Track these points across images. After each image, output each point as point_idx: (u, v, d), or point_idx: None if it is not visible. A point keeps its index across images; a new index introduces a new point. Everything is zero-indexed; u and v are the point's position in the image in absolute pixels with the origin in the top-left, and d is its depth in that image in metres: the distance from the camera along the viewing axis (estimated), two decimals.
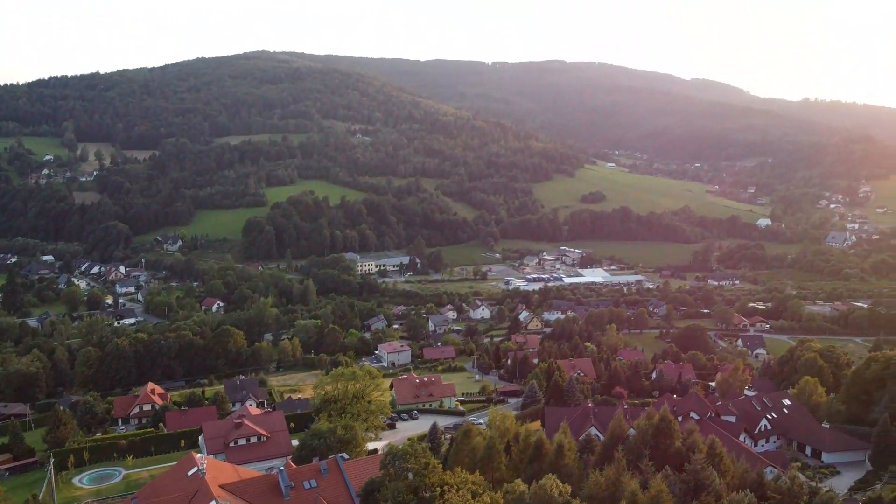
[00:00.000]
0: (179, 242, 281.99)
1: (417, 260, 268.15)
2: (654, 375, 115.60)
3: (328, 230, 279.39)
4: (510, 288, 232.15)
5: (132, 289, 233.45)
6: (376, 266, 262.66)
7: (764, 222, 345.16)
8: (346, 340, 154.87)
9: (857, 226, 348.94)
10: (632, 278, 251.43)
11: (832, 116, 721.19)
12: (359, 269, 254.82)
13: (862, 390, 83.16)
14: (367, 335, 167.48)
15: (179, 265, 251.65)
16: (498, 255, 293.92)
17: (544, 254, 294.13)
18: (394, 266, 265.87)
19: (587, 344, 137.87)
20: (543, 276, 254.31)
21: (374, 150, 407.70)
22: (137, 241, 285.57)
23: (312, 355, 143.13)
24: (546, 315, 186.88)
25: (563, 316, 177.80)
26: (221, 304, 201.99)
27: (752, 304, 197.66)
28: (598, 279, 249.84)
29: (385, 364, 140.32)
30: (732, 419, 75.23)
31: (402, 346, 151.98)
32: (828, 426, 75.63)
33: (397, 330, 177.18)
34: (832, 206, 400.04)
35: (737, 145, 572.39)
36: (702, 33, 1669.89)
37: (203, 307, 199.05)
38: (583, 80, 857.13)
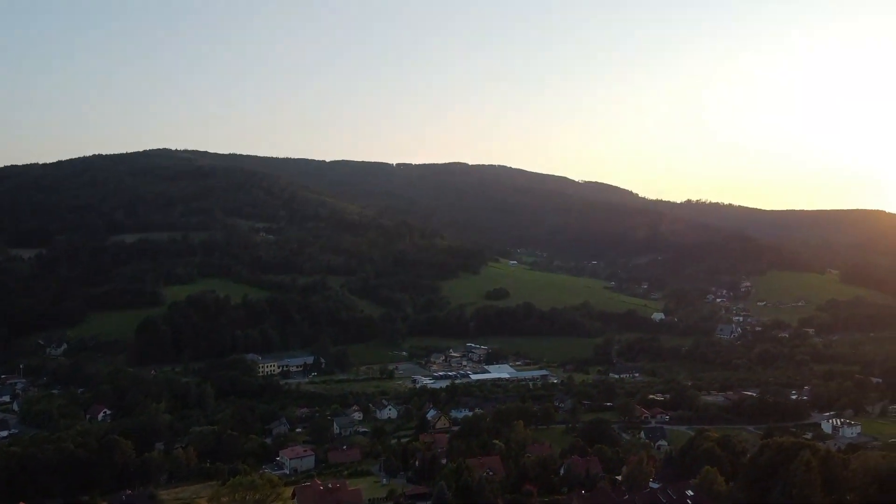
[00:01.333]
0: (65, 345, 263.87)
1: (322, 359, 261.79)
2: (562, 471, 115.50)
3: (229, 330, 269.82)
4: (417, 386, 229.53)
5: (7, 398, 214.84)
6: (279, 367, 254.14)
7: (658, 316, 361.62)
8: (246, 447, 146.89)
9: (741, 318, 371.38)
10: (537, 373, 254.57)
11: (712, 217, 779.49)
12: (261, 370, 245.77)
13: (758, 477, 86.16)
14: (269, 440, 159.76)
15: (63, 370, 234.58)
16: (405, 352, 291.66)
17: (451, 350, 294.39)
18: (297, 366, 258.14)
19: (495, 441, 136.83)
20: (451, 373, 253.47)
21: (279, 248, 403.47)
22: (17, 344, 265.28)
23: (209, 464, 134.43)
24: (454, 413, 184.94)
25: (470, 413, 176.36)
26: (109, 411, 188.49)
27: (651, 396, 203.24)
28: (505, 375, 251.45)
29: (287, 471, 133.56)
30: None
31: (305, 450, 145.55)
32: None
33: (300, 433, 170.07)
34: (718, 299, 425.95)
35: (630, 243, 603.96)
36: (591, 141, 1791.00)
37: (88, 415, 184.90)
38: (485, 181, 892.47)
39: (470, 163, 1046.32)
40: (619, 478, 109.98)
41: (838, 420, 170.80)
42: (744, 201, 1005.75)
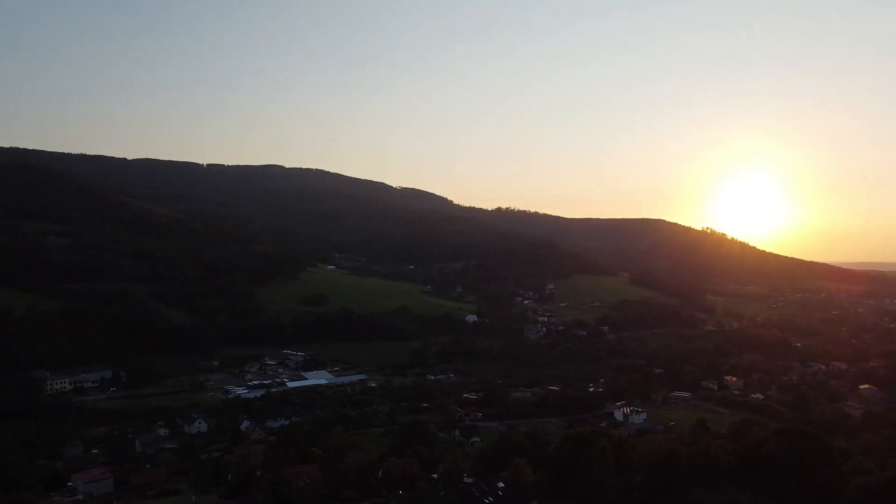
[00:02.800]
0: None
1: (123, 373, 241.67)
2: (380, 473, 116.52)
3: (11, 345, 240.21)
4: (230, 397, 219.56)
5: None
6: (72, 382, 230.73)
7: (472, 318, 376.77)
8: (33, 474, 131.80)
9: (546, 319, 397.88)
10: (356, 378, 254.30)
11: (521, 224, 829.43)
12: (49, 387, 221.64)
13: (561, 465, 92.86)
14: (60, 464, 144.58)
15: None
16: (216, 362, 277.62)
17: (267, 359, 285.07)
18: (94, 381, 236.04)
19: (314, 449, 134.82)
20: (266, 381, 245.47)
21: (76, 253, 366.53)
22: None
23: None
24: (270, 423, 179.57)
25: (287, 422, 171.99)
26: None
27: (466, 395, 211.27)
28: (323, 381, 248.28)
29: (81, 496, 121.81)
30: None
31: (102, 472, 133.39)
32: (535, 502, 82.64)
33: (98, 455, 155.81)
34: (526, 301, 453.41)
35: (445, 249, 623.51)
36: (407, 148, 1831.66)
37: None
38: (303, 186, 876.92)
39: (287, 165, 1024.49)
40: (436, 476, 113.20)
41: (628, 409, 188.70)
42: (549, 210, 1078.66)
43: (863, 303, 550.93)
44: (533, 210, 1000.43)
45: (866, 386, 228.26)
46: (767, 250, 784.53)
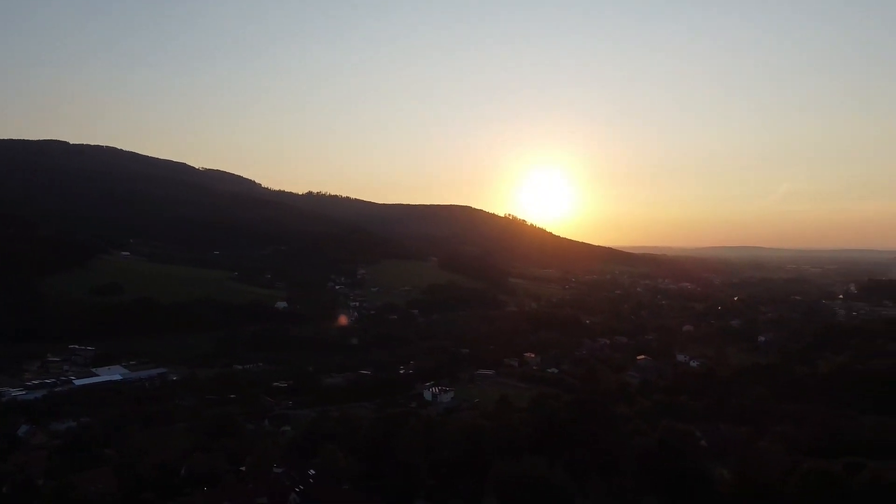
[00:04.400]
0: None
1: None
2: (183, 471, 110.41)
3: None
4: (4, 399, 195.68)
5: None
6: None
7: (282, 305, 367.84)
8: None
9: (358, 304, 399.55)
10: (154, 372, 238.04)
11: (333, 209, 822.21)
12: None
13: (372, 447, 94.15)
14: None
15: None
16: None
17: (50, 356, 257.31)
18: None
19: (107, 451, 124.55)
20: (49, 380, 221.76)
21: None
22: None
23: None
24: (55, 425, 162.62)
25: (75, 424, 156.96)
26: None
27: (276, 384, 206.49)
28: (117, 377, 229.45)
29: None
30: (265, 500, 76.81)
31: None
32: (347, 486, 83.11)
33: None
34: (338, 287, 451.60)
35: (254, 234, 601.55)
36: (210, 127, 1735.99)
37: None
38: (93, 165, 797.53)
39: (71, 142, 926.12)
40: (244, 468, 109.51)
41: (437, 389, 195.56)
42: (360, 195, 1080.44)
43: (641, 283, 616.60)
44: (344, 195, 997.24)
45: (643, 357, 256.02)
46: (563, 236, 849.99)
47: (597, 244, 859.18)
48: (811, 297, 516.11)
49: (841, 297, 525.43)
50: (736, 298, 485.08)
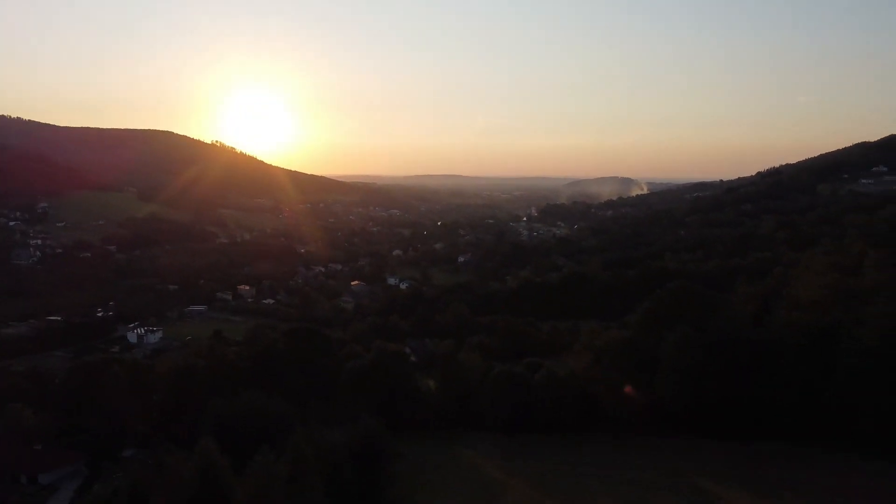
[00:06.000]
0: None
1: None
2: None
3: None
4: None
5: None
6: None
7: None
8: None
9: (40, 241, 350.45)
10: None
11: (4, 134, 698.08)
12: None
13: (71, 401, 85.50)
14: None
15: None
16: None
17: None
18: None
19: None
20: None
21: None
22: None
23: None
24: None
25: None
26: None
27: None
28: None
29: None
30: None
31: None
32: (39, 447, 74.88)
33: None
34: (12, 223, 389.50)
35: None
36: None
37: None
38: None
39: None
40: None
41: (142, 330, 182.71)
42: (38, 116, 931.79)
43: (353, 211, 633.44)
44: (15, 115, 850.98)
45: (357, 282, 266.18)
46: (275, 165, 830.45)
47: (310, 173, 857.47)
48: (502, 220, 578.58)
49: (525, 219, 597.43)
50: (439, 223, 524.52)
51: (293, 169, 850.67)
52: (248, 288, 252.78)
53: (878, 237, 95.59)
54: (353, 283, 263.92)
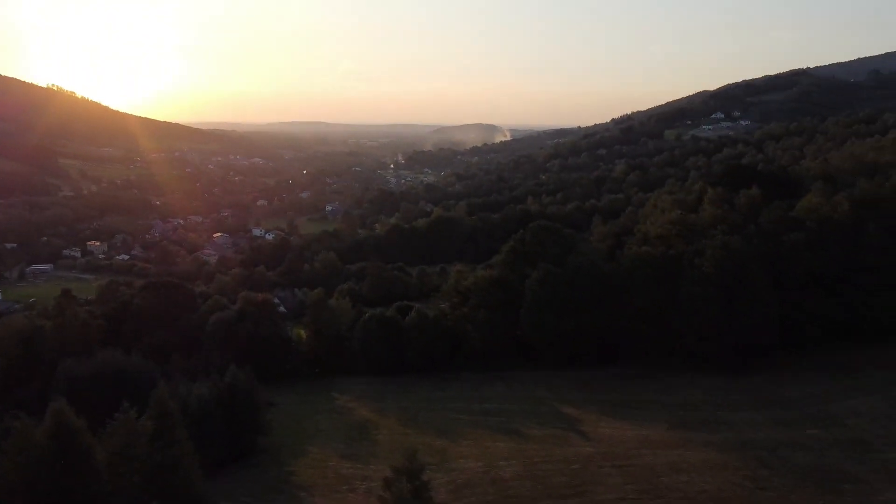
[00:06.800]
0: None
1: None
2: None
3: None
4: None
5: None
6: None
7: None
8: None
9: None
10: None
11: None
12: None
13: None
14: None
15: None
16: None
17: None
18: None
19: None
20: None
21: None
22: None
23: None
24: None
25: None
26: None
27: None
28: None
29: None
30: None
31: None
32: None
33: None
34: None
35: None
36: None
37: None
38: None
39: None
40: None
41: None
42: None
43: (212, 160, 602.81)
44: None
45: (219, 234, 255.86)
46: (123, 111, 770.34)
47: (164, 121, 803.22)
48: (369, 168, 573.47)
49: (392, 166, 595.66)
50: (305, 172, 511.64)
51: (145, 116, 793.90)
52: (98, 244, 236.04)
53: (715, 177, 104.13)
54: (215, 236, 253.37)
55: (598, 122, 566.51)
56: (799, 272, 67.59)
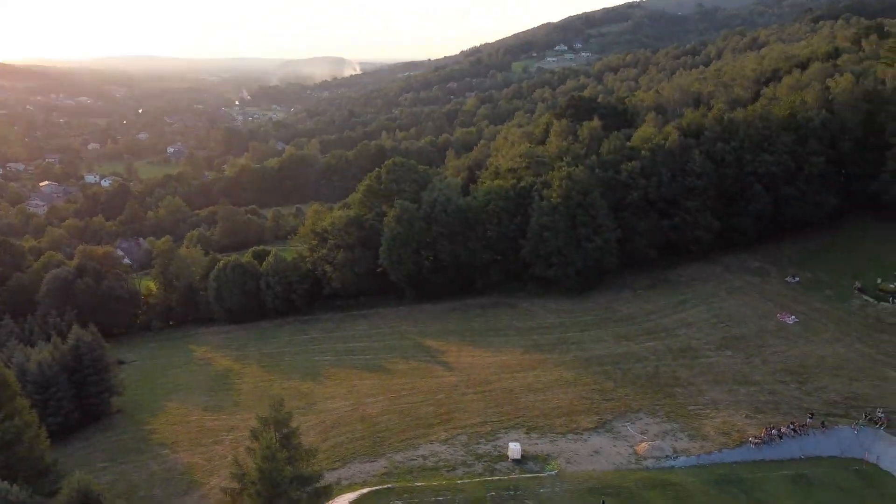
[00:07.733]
0: None
1: None
2: None
3: None
4: None
5: None
6: None
7: None
8: None
9: None
10: None
11: None
12: None
13: None
14: None
15: None
16: None
17: None
18: None
19: None
20: None
21: None
22: None
23: None
24: None
25: None
26: None
27: None
28: None
29: None
30: None
31: None
32: None
33: None
34: None
35: None
36: None
37: None
38: None
39: None
40: None
41: None
42: None
43: (30, 100, 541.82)
44: None
45: (46, 182, 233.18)
46: None
47: None
48: (212, 105, 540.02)
49: (237, 103, 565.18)
50: (140, 111, 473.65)
51: None
52: None
53: (560, 110, 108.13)
54: (41, 184, 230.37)
55: (448, 56, 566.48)
56: (635, 198, 72.65)
